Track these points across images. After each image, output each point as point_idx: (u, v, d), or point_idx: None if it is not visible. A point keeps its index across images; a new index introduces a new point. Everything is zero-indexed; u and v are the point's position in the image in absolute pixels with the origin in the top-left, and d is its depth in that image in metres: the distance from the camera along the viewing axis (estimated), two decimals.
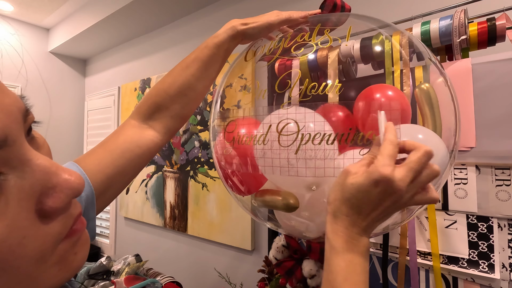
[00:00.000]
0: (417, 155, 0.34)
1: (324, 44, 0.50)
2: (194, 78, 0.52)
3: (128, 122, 0.52)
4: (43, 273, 0.20)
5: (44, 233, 0.19)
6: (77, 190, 0.21)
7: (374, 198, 0.34)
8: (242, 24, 0.53)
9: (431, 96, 0.48)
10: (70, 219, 0.22)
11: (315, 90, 0.44)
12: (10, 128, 0.18)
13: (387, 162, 0.33)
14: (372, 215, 0.35)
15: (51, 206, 0.20)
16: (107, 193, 0.45)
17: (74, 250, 0.22)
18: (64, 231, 0.21)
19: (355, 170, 0.36)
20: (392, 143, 0.35)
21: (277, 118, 0.44)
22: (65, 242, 0.21)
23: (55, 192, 0.20)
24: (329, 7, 0.57)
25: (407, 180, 0.33)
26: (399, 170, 0.33)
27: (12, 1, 1.93)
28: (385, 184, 0.33)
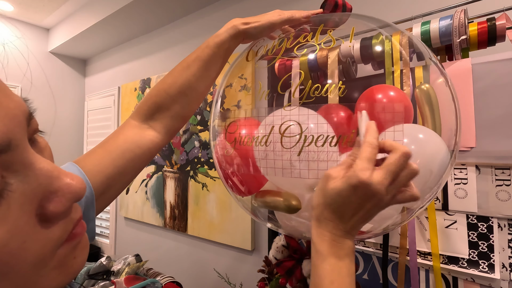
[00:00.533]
0: (395, 157, 0.34)
1: (327, 44, 0.50)
2: (195, 78, 0.52)
3: (128, 122, 0.52)
4: (42, 277, 0.20)
5: (44, 237, 0.19)
6: (79, 195, 0.21)
7: (355, 202, 0.35)
8: (243, 23, 0.53)
9: (431, 96, 0.48)
10: (70, 223, 0.22)
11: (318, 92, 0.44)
12: (14, 133, 0.18)
13: (365, 166, 0.34)
14: (355, 218, 0.36)
15: (53, 210, 0.20)
16: (107, 193, 0.45)
17: (73, 254, 0.22)
18: (64, 235, 0.21)
19: (335, 174, 0.36)
20: (371, 146, 0.35)
21: (280, 119, 0.44)
22: (65, 246, 0.21)
23: (57, 197, 0.20)
24: (330, 6, 0.57)
25: (386, 183, 0.33)
26: (377, 173, 0.34)
27: (12, 1, 1.93)
28: (364, 188, 0.33)
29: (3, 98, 0.18)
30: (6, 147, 0.17)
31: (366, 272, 0.88)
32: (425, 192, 0.47)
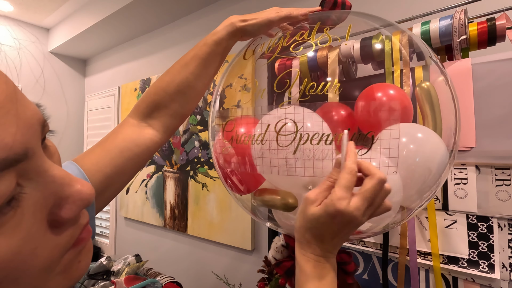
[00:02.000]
0: (371, 183, 0.35)
1: (323, 43, 0.49)
2: (193, 76, 0.51)
3: (127, 121, 0.52)
4: (47, 282, 0.20)
5: (53, 243, 0.20)
6: (89, 201, 0.21)
7: (334, 228, 0.36)
8: (241, 20, 0.52)
9: (432, 94, 0.48)
10: (78, 229, 0.22)
11: (314, 90, 0.44)
12: (30, 142, 0.18)
13: (343, 195, 0.35)
14: (335, 240, 0.38)
15: (64, 217, 0.20)
16: (106, 192, 0.45)
17: (78, 259, 0.23)
18: (71, 240, 0.21)
19: (314, 197, 0.37)
20: (350, 173, 0.36)
21: (276, 117, 0.44)
22: (71, 251, 0.22)
23: (68, 204, 0.20)
24: (329, 4, 0.57)
25: (363, 209, 0.35)
26: (354, 201, 0.35)
27: (12, 1, 1.93)
28: (342, 217, 0.35)
29: (20, 107, 0.18)
30: (23, 156, 0.17)
31: (366, 272, 0.88)
32: (424, 191, 0.47)
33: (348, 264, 0.71)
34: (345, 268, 0.71)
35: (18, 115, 0.18)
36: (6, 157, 0.16)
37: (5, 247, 0.16)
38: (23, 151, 0.17)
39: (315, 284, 0.37)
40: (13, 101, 0.18)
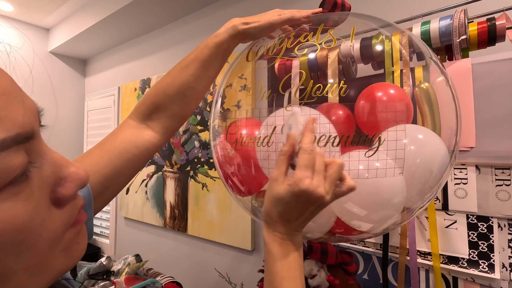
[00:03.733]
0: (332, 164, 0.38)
1: (328, 44, 0.49)
2: (193, 78, 0.51)
3: (127, 122, 0.52)
4: (53, 258, 0.22)
5: (56, 219, 0.22)
6: (84, 181, 0.24)
7: (299, 207, 0.38)
8: (243, 23, 0.52)
9: (431, 95, 0.48)
10: (75, 209, 0.24)
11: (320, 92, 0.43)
12: (34, 124, 0.21)
13: (304, 174, 0.36)
14: (300, 219, 0.39)
15: (64, 194, 0.22)
16: (105, 193, 0.45)
17: (77, 240, 0.25)
18: (71, 219, 0.24)
19: (275, 176, 0.39)
20: (308, 152, 0.37)
21: (282, 120, 0.43)
22: (70, 231, 0.24)
23: (66, 182, 0.23)
24: (329, 6, 0.57)
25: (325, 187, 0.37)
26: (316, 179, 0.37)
27: (12, 1, 1.92)
28: (306, 195, 0.36)
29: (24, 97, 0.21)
30: (31, 136, 0.20)
31: (366, 272, 0.88)
32: (425, 191, 0.47)
33: (349, 265, 0.71)
34: (347, 268, 0.71)
35: (23, 101, 0.20)
36: (20, 133, 0.19)
37: (23, 211, 0.19)
38: (31, 130, 0.20)
39: (282, 263, 0.38)
40: (18, 90, 0.20)
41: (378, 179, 0.42)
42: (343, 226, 0.50)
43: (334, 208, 0.48)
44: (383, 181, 0.42)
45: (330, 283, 0.67)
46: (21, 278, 0.20)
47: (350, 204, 0.45)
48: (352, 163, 0.42)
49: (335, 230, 0.52)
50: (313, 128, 0.39)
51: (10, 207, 0.18)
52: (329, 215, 0.50)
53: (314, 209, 0.38)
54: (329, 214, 0.50)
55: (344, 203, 0.46)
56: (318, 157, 0.38)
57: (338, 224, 0.51)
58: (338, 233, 0.53)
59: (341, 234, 0.53)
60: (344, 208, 0.47)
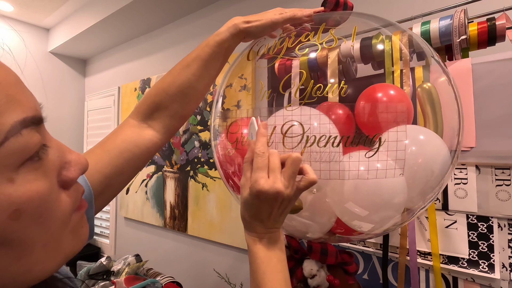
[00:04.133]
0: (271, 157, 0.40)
1: (329, 43, 0.49)
2: (194, 77, 0.51)
3: (127, 121, 0.51)
4: (63, 237, 0.24)
5: (65, 199, 0.24)
6: (85, 166, 0.26)
7: (264, 206, 0.39)
8: (244, 22, 0.52)
9: (433, 95, 0.47)
10: (79, 193, 0.26)
11: (320, 92, 0.43)
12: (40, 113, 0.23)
13: (258, 175, 0.38)
14: (272, 216, 0.40)
15: (69, 176, 0.24)
16: (105, 192, 0.45)
17: (81, 224, 0.27)
18: (76, 202, 0.26)
19: (242, 183, 0.41)
20: (259, 155, 0.39)
21: (282, 119, 0.43)
22: (76, 214, 0.26)
23: (71, 166, 0.25)
24: (331, 5, 0.56)
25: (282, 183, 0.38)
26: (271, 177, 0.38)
27: (12, 1, 1.92)
28: (264, 194, 0.38)
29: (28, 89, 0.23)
30: (41, 120, 0.23)
31: (366, 272, 0.88)
32: (427, 192, 0.47)
33: (349, 265, 0.71)
34: (347, 268, 0.71)
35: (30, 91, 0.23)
36: (35, 116, 0.22)
37: (43, 184, 0.22)
38: (41, 116, 0.23)
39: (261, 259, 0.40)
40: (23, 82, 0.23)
41: (379, 180, 0.42)
42: (343, 226, 0.50)
43: (334, 209, 0.48)
44: (384, 182, 0.42)
45: (330, 283, 0.67)
46: (41, 253, 0.22)
47: (350, 204, 0.45)
48: (352, 163, 0.42)
49: (336, 230, 0.52)
50: (265, 132, 0.41)
51: (33, 179, 0.21)
52: (329, 215, 0.50)
53: (279, 204, 0.39)
54: (329, 215, 0.50)
55: (344, 204, 0.46)
56: (272, 156, 0.39)
57: (338, 224, 0.51)
58: (338, 233, 0.53)
59: (342, 234, 0.53)
60: (344, 208, 0.46)
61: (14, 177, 0.20)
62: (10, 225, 0.20)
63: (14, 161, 0.20)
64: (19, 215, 0.20)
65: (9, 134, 0.19)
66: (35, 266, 0.22)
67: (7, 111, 0.19)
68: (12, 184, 0.20)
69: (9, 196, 0.19)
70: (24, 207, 0.20)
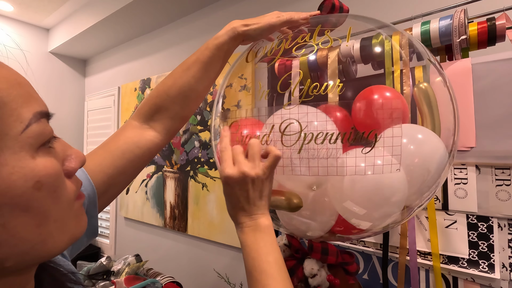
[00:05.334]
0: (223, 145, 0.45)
1: (325, 44, 0.50)
2: (194, 79, 0.52)
3: (129, 123, 0.53)
4: (69, 219, 0.27)
5: (69, 186, 0.27)
6: (84, 159, 0.29)
7: (237, 191, 0.42)
8: (243, 25, 0.53)
9: (430, 95, 0.48)
10: (79, 183, 0.29)
11: (317, 90, 0.44)
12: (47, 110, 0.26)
13: (224, 164, 0.42)
14: (250, 201, 0.42)
15: (72, 166, 0.28)
16: (108, 192, 0.46)
17: (81, 212, 0.30)
18: (77, 191, 0.29)
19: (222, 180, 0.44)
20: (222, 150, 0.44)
21: (280, 118, 0.44)
22: (77, 202, 0.29)
23: (72, 159, 0.28)
24: (327, 8, 0.57)
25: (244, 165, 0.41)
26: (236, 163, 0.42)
27: (12, 1, 1.92)
28: (232, 180, 0.41)
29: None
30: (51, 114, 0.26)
31: (366, 272, 0.88)
32: (423, 191, 0.47)
33: (350, 265, 0.71)
34: (347, 268, 0.71)
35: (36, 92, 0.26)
36: (46, 110, 0.26)
37: (56, 164, 0.25)
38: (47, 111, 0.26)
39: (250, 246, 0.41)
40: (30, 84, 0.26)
41: (379, 176, 0.42)
42: (342, 224, 0.51)
43: (335, 206, 0.48)
44: (384, 177, 0.42)
45: (331, 282, 0.67)
46: (52, 227, 0.25)
47: (350, 202, 0.46)
48: (349, 160, 0.43)
49: (335, 229, 0.53)
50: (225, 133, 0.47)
51: (48, 159, 0.25)
52: (330, 213, 0.50)
53: (252, 186, 0.41)
54: (331, 212, 0.50)
55: (344, 201, 0.46)
56: (234, 149, 0.43)
57: (337, 222, 0.51)
58: (337, 231, 0.53)
59: (341, 233, 0.54)
60: (345, 205, 0.47)
61: (35, 155, 0.24)
62: (33, 194, 0.23)
63: (35, 142, 0.24)
64: (40, 186, 0.24)
65: (32, 121, 0.24)
66: (49, 238, 0.25)
67: (29, 104, 0.24)
68: (34, 160, 0.24)
69: (32, 169, 0.23)
70: (44, 180, 0.24)
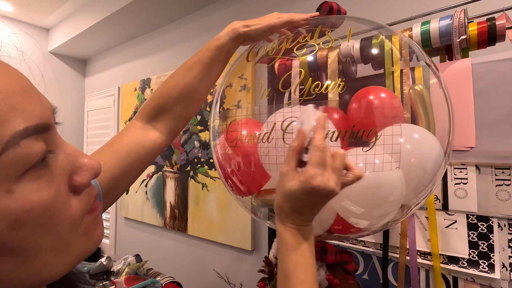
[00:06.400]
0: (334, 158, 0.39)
1: (325, 44, 0.50)
2: (196, 80, 0.53)
3: (133, 123, 0.53)
4: (74, 240, 0.25)
5: (75, 204, 0.24)
6: (97, 170, 0.26)
7: (310, 201, 0.39)
8: (244, 26, 0.54)
9: (425, 96, 0.49)
10: (91, 197, 0.27)
11: (318, 89, 0.44)
12: (51, 118, 0.24)
13: (316, 171, 0.37)
14: (312, 211, 0.41)
15: (80, 181, 0.25)
16: (112, 192, 0.46)
17: (94, 226, 0.27)
18: (87, 206, 0.26)
19: (285, 171, 0.40)
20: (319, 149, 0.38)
21: (282, 116, 0.44)
22: (88, 216, 0.26)
23: (82, 171, 0.25)
24: (325, 11, 0.58)
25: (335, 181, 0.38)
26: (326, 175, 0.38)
27: (12, 1, 1.93)
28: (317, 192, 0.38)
29: (40, 95, 0.24)
30: (48, 127, 0.23)
31: (366, 272, 0.88)
32: (420, 190, 0.48)
33: (348, 264, 0.71)
34: (346, 267, 0.71)
35: (39, 97, 0.23)
36: (39, 124, 0.22)
37: (46, 193, 0.22)
38: (47, 123, 0.23)
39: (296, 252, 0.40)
40: (35, 88, 0.23)
41: (377, 174, 0.42)
42: (341, 223, 0.51)
43: (334, 204, 0.48)
44: (382, 176, 0.43)
45: (330, 282, 0.67)
46: (48, 257, 0.23)
47: (348, 201, 0.46)
48: (350, 158, 0.43)
49: (334, 228, 0.53)
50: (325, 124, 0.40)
51: (35, 188, 0.21)
52: (329, 211, 0.50)
53: (325, 202, 0.40)
54: (330, 211, 0.50)
55: (342, 201, 0.46)
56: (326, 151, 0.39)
57: (336, 221, 0.51)
58: (336, 230, 0.53)
59: (340, 232, 0.54)
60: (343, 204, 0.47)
61: (13, 188, 0.20)
62: (10, 235, 0.20)
63: (14, 172, 0.20)
64: (19, 225, 0.20)
65: (8, 145, 0.19)
66: (44, 268, 0.22)
67: (7, 122, 0.19)
68: (10, 195, 0.20)
69: (7, 208, 0.20)
70: (24, 217, 0.20)
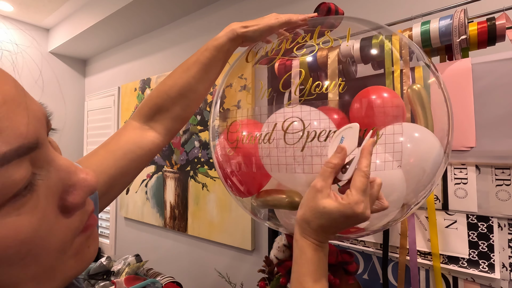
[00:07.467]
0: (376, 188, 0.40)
1: (325, 44, 0.50)
2: (194, 80, 0.52)
3: (130, 123, 0.53)
4: (62, 264, 0.22)
5: (65, 226, 0.22)
6: (93, 188, 0.23)
7: (343, 225, 0.39)
8: (242, 27, 0.54)
9: (423, 96, 0.49)
10: (85, 214, 0.24)
11: (319, 89, 0.44)
12: (40, 133, 0.20)
13: (360, 198, 0.37)
14: (337, 231, 0.41)
15: (72, 202, 0.22)
16: (109, 192, 0.46)
17: (87, 244, 0.25)
18: (81, 225, 0.23)
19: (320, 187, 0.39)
20: (365, 175, 0.37)
21: (282, 116, 0.44)
22: (81, 236, 0.24)
23: (75, 190, 0.22)
24: (323, 11, 0.58)
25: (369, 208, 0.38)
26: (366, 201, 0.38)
27: (12, 1, 1.92)
28: (356, 218, 0.37)
29: (29, 102, 0.20)
30: (35, 145, 0.19)
31: (366, 272, 0.88)
32: (419, 189, 0.48)
33: (349, 264, 0.71)
34: (347, 268, 0.71)
35: (28, 108, 0.19)
36: (22, 145, 0.18)
37: (27, 224, 0.19)
38: (35, 140, 0.19)
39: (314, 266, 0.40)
40: (22, 96, 0.20)
41: (377, 173, 0.43)
42: None
43: None
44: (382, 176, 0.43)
45: (330, 282, 0.67)
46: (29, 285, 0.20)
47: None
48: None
49: None
50: (372, 150, 0.39)
51: (12, 222, 0.18)
52: None
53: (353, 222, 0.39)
54: None
55: None
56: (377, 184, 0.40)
57: None
58: None
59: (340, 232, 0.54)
60: None
61: None
62: None
63: None
64: None
65: None
66: None
67: None
68: None
69: None
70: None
